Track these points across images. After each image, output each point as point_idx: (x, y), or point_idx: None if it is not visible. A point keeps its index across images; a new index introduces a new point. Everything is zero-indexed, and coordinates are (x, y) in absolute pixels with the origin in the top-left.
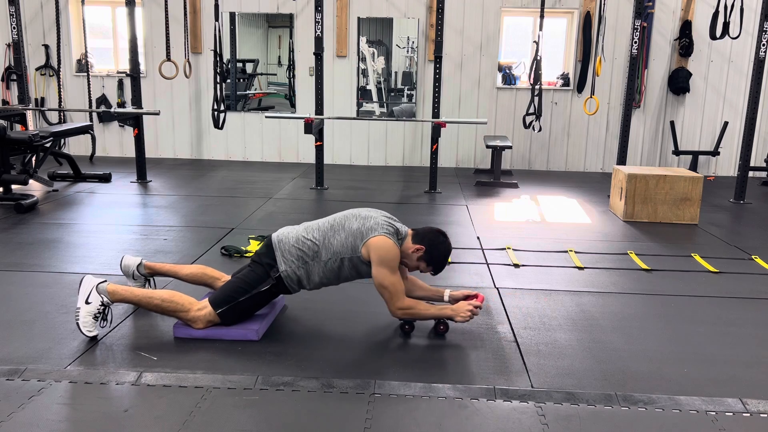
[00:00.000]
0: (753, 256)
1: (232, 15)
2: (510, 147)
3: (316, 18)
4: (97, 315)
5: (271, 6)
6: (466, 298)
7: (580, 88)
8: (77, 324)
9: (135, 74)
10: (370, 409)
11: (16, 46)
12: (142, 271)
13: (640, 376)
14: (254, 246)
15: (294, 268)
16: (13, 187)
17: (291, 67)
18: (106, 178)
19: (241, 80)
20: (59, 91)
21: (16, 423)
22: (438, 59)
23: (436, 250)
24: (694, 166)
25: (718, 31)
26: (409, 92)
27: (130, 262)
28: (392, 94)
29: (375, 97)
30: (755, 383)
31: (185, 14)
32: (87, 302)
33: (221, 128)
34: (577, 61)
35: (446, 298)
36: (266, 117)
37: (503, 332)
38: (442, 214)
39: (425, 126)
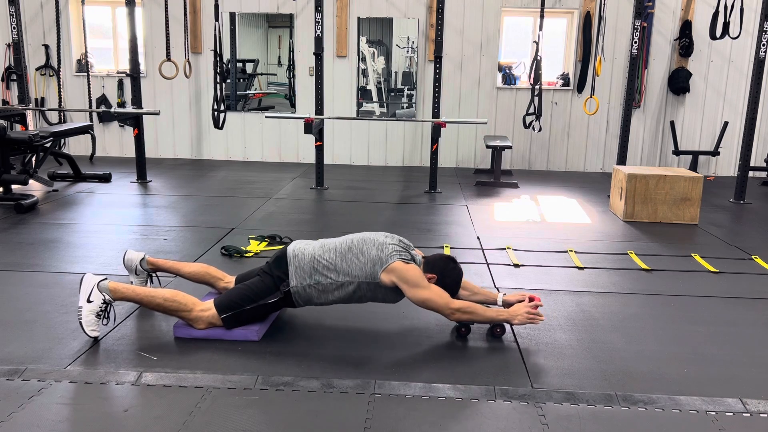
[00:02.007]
0: (753, 256)
1: (232, 15)
2: (510, 147)
3: (316, 18)
4: (100, 313)
5: (271, 6)
6: (522, 301)
7: (580, 88)
8: (80, 323)
9: (135, 74)
10: (370, 409)
11: (16, 46)
12: (144, 266)
13: (640, 376)
14: (254, 246)
15: (305, 285)
16: (13, 187)
17: (291, 67)
18: (106, 178)
19: (241, 80)
20: (59, 91)
21: (16, 423)
22: (438, 59)
23: (448, 278)
24: (694, 166)
25: (718, 31)
26: (409, 92)
27: (134, 256)
28: (392, 94)
29: (375, 97)
30: (755, 383)
31: (185, 14)
32: (89, 301)
33: (221, 128)
34: (577, 61)
35: (499, 301)
36: (266, 117)
37: None
38: (442, 214)
39: (425, 126)
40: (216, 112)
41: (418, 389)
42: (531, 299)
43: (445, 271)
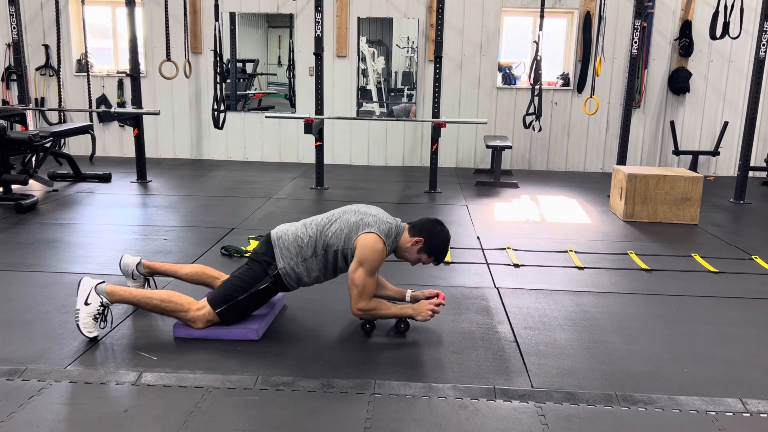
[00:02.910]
0: (753, 256)
1: (232, 15)
2: (510, 147)
3: (316, 18)
4: (97, 316)
5: (271, 6)
6: (428, 297)
7: (580, 88)
8: (77, 325)
9: (135, 74)
10: (370, 409)
11: (16, 46)
12: (141, 270)
13: (640, 376)
14: (254, 246)
15: (293, 265)
16: (13, 187)
17: (291, 67)
18: (106, 178)
19: (241, 80)
20: (59, 91)
21: (16, 423)
22: (438, 59)
23: (435, 240)
24: (694, 166)
25: (718, 31)
26: (409, 92)
27: (130, 261)
28: (392, 94)
29: (375, 97)
30: (755, 383)
31: (185, 14)
32: (86, 303)
33: (221, 128)
34: (577, 61)
35: (408, 297)
36: (266, 117)
37: (503, 332)
38: (442, 214)
39: (425, 126)
40: (216, 112)
41: (418, 389)
42: (436, 295)
43: (432, 234)
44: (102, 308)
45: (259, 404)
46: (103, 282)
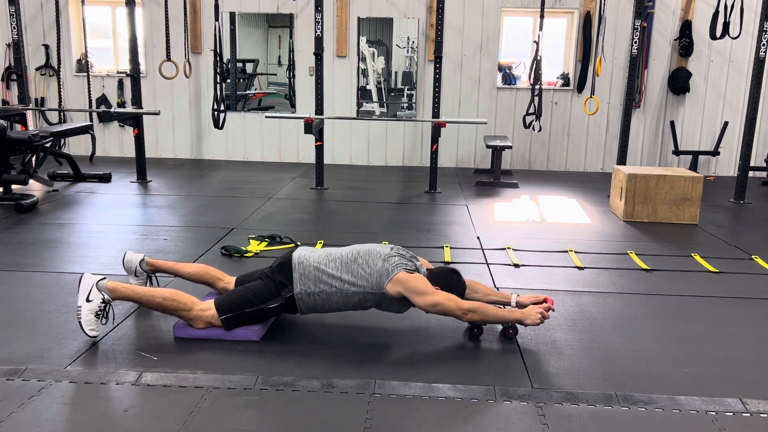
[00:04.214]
0: (753, 256)
1: (232, 15)
2: (510, 147)
3: (316, 18)
4: (99, 313)
5: (271, 6)
6: (536, 303)
7: (580, 88)
8: (80, 323)
9: (135, 74)
10: (370, 409)
11: (16, 46)
12: (144, 267)
13: (640, 376)
14: (254, 246)
15: (310, 293)
16: (13, 187)
17: (291, 67)
18: (106, 178)
19: (241, 80)
20: (59, 91)
21: (16, 423)
22: (438, 59)
23: (451, 290)
24: (694, 166)
25: (718, 31)
26: (409, 92)
27: (133, 258)
28: (392, 94)
29: (375, 97)
30: (755, 383)
31: (185, 14)
32: (88, 300)
33: (221, 128)
34: (577, 61)
35: (513, 302)
36: (266, 117)
37: None
38: (442, 214)
39: (425, 126)
40: (216, 112)
41: (418, 389)
42: (543, 300)
43: (449, 284)
44: (104, 305)
45: (259, 404)
46: (105, 278)
